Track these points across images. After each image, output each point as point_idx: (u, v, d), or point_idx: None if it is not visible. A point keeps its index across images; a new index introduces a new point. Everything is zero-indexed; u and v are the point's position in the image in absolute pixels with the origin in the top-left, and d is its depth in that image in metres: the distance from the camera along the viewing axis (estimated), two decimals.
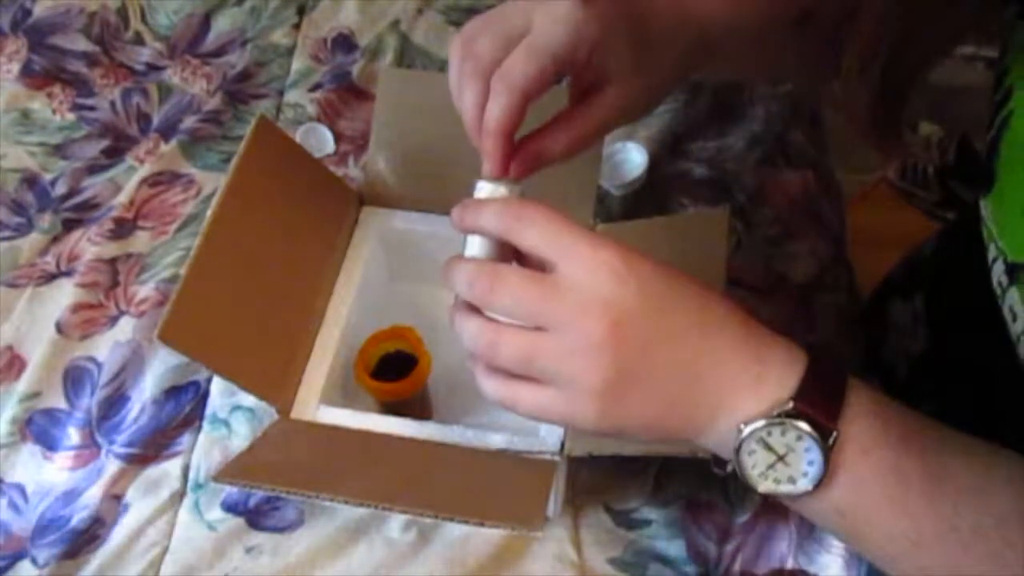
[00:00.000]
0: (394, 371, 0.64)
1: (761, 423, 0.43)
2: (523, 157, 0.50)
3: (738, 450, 0.44)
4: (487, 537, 0.62)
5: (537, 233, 0.44)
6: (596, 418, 0.44)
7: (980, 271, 0.53)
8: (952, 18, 0.45)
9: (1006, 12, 0.48)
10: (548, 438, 0.60)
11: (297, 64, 0.86)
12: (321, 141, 0.81)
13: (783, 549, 0.61)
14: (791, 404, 0.43)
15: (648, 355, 0.43)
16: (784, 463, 0.44)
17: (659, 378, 0.44)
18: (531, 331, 0.44)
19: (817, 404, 0.43)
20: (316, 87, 0.85)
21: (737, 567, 0.61)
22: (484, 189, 0.49)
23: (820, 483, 0.43)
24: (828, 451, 0.42)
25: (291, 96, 0.85)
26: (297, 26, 0.89)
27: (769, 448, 0.43)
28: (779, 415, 0.43)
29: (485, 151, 0.49)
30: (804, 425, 0.42)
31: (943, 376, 0.67)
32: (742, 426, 0.43)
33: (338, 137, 0.82)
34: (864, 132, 0.48)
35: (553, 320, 0.43)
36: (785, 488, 0.44)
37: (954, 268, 0.67)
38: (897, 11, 0.43)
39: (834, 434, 0.42)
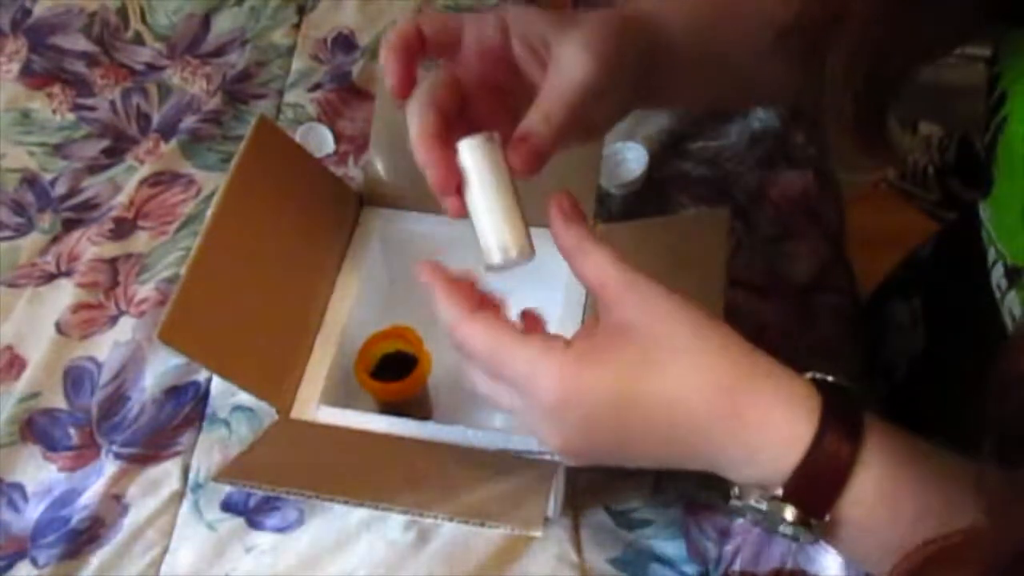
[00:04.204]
0: (394, 371, 0.64)
1: (750, 503, 0.43)
2: (520, 151, 0.49)
3: (731, 504, 0.45)
4: (487, 537, 0.62)
5: (480, 362, 0.45)
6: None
7: (979, 273, 0.53)
8: (938, 23, 0.45)
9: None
10: None
11: (297, 64, 0.86)
12: (321, 141, 0.81)
13: (783, 549, 0.61)
14: (781, 491, 0.42)
15: (608, 457, 0.45)
16: (773, 525, 0.44)
17: (630, 462, 0.45)
18: (497, 387, 0.46)
19: (808, 494, 0.41)
20: (316, 87, 0.85)
21: (737, 567, 0.61)
22: (458, 145, 0.48)
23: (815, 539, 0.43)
24: (818, 531, 0.42)
25: (291, 96, 0.85)
26: (297, 26, 0.89)
27: (761, 513, 0.43)
28: (768, 500, 0.42)
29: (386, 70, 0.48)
30: (789, 516, 0.42)
31: (942, 377, 0.67)
32: (735, 492, 0.44)
33: (338, 137, 0.82)
34: (850, 138, 0.48)
35: (512, 408, 0.45)
36: (780, 533, 0.44)
37: (953, 270, 0.67)
38: (883, 15, 0.43)
39: (824, 520, 0.42)
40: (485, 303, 0.46)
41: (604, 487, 0.64)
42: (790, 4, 0.49)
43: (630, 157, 0.77)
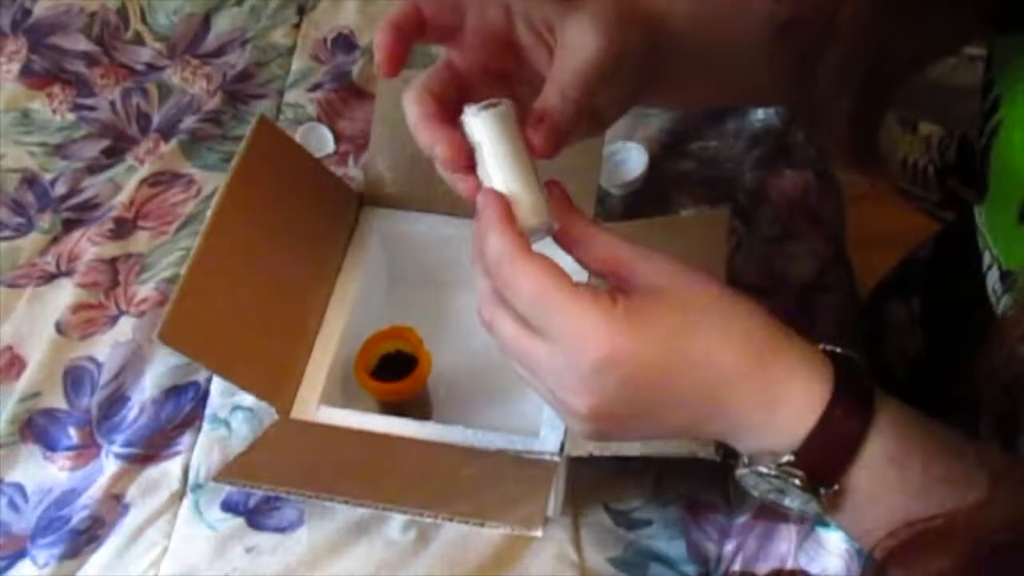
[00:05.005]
0: (394, 371, 0.64)
1: (760, 469, 0.43)
2: (540, 130, 0.47)
3: (738, 472, 0.44)
4: (487, 537, 0.62)
5: (523, 304, 0.43)
6: (583, 435, 0.45)
7: (976, 275, 0.53)
8: (933, 27, 0.45)
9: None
10: (548, 438, 0.60)
11: (297, 64, 0.86)
12: (321, 141, 0.81)
13: (783, 549, 0.61)
14: (793, 457, 0.42)
15: (635, 423, 0.44)
16: (782, 495, 0.44)
17: (650, 430, 0.44)
18: (528, 338, 0.43)
19: (820, 460, 0.42)
20: (316, 87, 0.85)
21: (737, 567, 0.61)
22: (470, 115, 0.46)
23: (820, 512, 0.43)
24: (825, 501, 0.42)
25: (291, 96, 0.85)
26: (297, 26, 0.89)
27: (769, 482, 0.44)
28: (779, 465, 0.42)
29: (377, 47, 0.47)
30: (798, 482, 0.42)
31: (940, 377, 0.67)
32: (745, 460, 0.44)
33: (338, 137, 0.82)
34: (843, 147, 0.48)
35: (539, 378, 0.44)
36: (785, 506, 0.45)
37: (950, 272, 0.67)
38: (876, 19, 0.43)
39: (833, 488, 0.42)
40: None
41: (604, 487, 0.64)
42: (786, 1, 0.49)
43: (630, 157, 0.77)
